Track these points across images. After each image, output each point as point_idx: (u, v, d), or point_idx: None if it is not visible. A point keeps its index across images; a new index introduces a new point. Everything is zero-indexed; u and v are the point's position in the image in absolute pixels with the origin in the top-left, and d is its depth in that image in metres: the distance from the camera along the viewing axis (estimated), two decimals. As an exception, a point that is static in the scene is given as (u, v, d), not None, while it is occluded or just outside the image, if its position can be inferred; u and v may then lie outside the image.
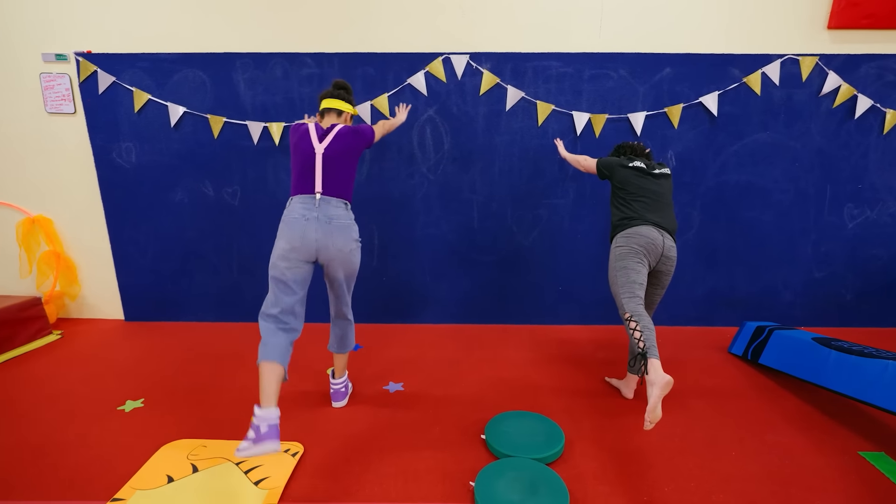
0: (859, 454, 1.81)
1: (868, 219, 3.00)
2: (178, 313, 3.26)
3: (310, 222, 1.83)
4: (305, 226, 1.82)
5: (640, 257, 2.00)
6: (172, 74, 2.87)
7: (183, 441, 1.88)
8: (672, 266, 2.09)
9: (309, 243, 1.82)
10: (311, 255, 1.84)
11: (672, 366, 2.58)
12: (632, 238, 2.02)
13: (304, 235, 1.81)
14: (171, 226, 3.10)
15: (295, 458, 1.78)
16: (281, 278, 1.82)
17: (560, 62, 2.81)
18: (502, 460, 1.70)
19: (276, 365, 1.71)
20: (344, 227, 1.89)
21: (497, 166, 2.97)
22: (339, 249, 1.87)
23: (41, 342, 2.88)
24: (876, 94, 2.80)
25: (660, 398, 1.64)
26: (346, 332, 2.11)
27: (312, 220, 1.83)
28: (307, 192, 1.88)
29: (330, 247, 1.85)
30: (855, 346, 2.17)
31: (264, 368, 1.69)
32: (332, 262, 1.89)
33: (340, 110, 2.05)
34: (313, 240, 1.82)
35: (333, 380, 2.17)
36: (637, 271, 1.98)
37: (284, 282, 1.82)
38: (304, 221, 1.82)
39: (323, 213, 1.85)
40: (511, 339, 2.96)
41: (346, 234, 1.89)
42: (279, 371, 1.71)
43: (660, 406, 1.64)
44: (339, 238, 1.87)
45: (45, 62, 2.91)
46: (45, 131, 3.01)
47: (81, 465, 1.73)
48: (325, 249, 1.85)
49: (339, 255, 1.88)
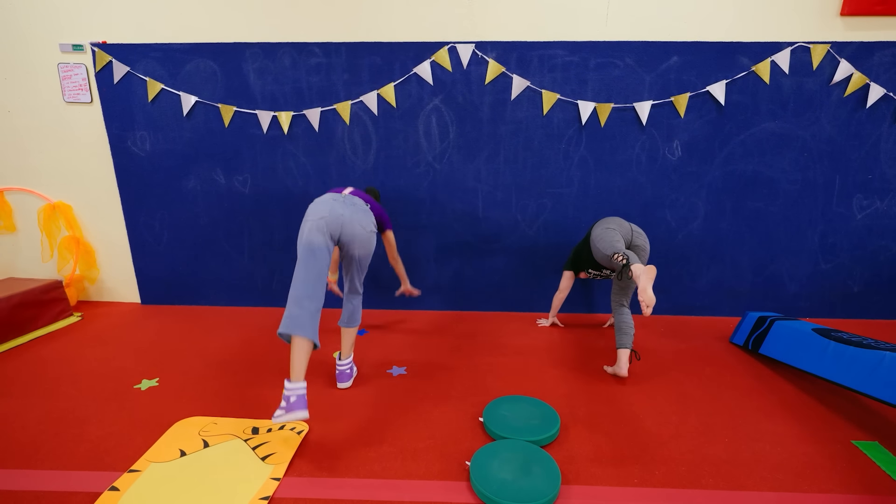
0: (852, 443, 1.84)
1: (878, 210, 2.96)
2: (191, 297, 3.37)
3: (337, 202, 2.02)
4: (333, 204, 2.00)
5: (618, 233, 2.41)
6: (184, 64, 2.94)
7: (195, 418, 1.98)
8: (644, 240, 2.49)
9: (336, 216, 1.96)
10: (336, 228, 1.96)
11: (673, 355, 2.61)
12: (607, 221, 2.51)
13: (332, 210, 1.97)
14: (184, 212, 3.19)
15: (300, 436, 1.86)
16: (308, 245, 1.90)
17: (566, 51, 2.80)
18: (498, 442, 1.76)
19: (304, 340, 1.82)
20: (367, 212, 2.10)
21: (502, 155, 2.99)
22: (362, 227, 2.03)
23: (62, 323, 3.01)
24: (889, 82, 2.75)
25: (648, 283, 2.05)
26: (356, 308, 2.25)
27: (340, 202, 2.03)
28: (337, 190, 2.16)
29: (354, 223, 2.00)
30: (854, 336, 2.18)
31: (294, 343, 1.82)
32: (354, 240, 2.02)
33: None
34: (339, 214, 1.97)
35: (339, 361, 2.25)
36: (618, 236, 2.37)
37: (311, 249, 1.90)
38: (333, 201, 2.02)
39: (349, 200, 2.07)
40: (513, 326, 3.01)
41: (368, 218, 2.08)
42: (307, 345, 1.83)
43: (650, 289, 2.04)
44: (363, 218, 2.05)
45: (63, 52, 2.99)
46: (63, 120, 3.11)
47: (100, 438, 1.84)
48: (350, 224, 1.99)
49: (363, 232, 2.03)
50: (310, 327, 1.84)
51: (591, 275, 2.78)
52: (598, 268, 2.68)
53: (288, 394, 1.75)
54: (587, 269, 2.75)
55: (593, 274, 2.77)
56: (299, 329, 1.82)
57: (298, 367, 1.79)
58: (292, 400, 1.74)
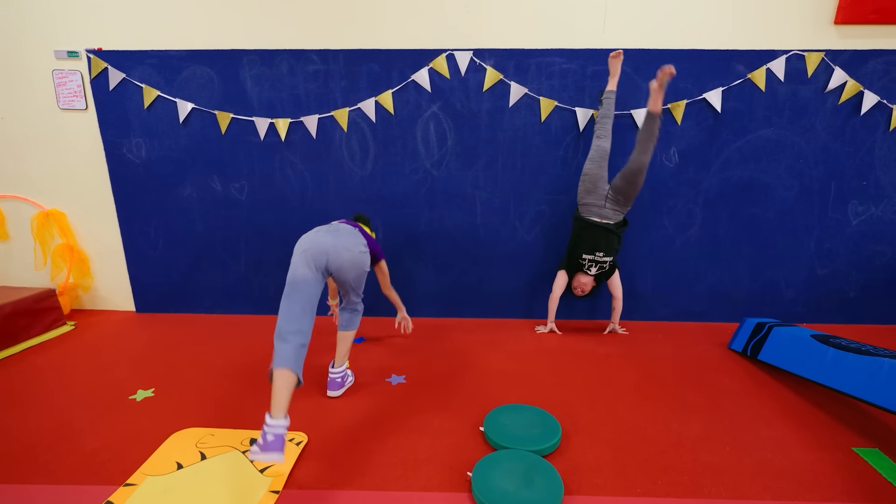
0: (853, 450, 1.84)
1: (873, 215, 2.98)
2: (187, 305, 3.33)
3: (320, 232, 1.99)
4: (315, 234, 1.97)
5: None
6: (181, 71, 2.92)
7: (192, 430, 1.95)
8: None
9: (318, 245, 1.91)
10: (322, 258, 1.90)
11: (672, 361, 2.61)
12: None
13: (314, 240, 1.93)
14: (180, 220, 3.16)
15: (299, 446, 1.84)
16: (291, 279, 1.85)
17: (563, 58, 2.81)
18: (500, 452, 1.75)
19: (287, 372, 1.71)
20: (353, 233, 2.06)
21: (500, 162, 2.99)
22: (347, 249, 1.98)
23: (56, 332, 2.97)
24: (883, 90, 2.78)
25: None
26: (357, 313, 2.29)
27: (323, 232, 1.99)
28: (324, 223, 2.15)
29: (339, 248, 1.95)
30: (853, 343, 2.19)
31: (275, 376, 1.71)
32: (343, 266, 1.99)
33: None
34: (322, 242, 1.93)
35: (332, 369, 2.23)
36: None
37: (294, 282, 1.84)
38: (316, 233, 1.99)
39: (333, 227, 2.05)
40: (511, 333, 3.00)
41: (355, 240, 2.04)
42: (290, 379, 1.71)
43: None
44: (350, 241, 2.01)
45: (58, 59, 2.97)
46: (57, 127, 3.08)
47: (95, 451, 1.81)
48: (335, 251, 1.94)
49: (350, 255, 1.99)
50: (293, 361, 1.73)
51: (586, 263, 2.77)
52: (591, 250, 2.73)
53: (267, 431, 1.59)
54: (581, 256, 2.76)
55: (587, 260, 2.76)
56: (281, 361, 1.72)
57: (280, 403, 1.64)
58: (269, 439, 1.57)
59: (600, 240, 2.73)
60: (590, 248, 2.74)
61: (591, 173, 2.74)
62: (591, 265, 2.76)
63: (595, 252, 2.73)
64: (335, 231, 2.02)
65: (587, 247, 2.74)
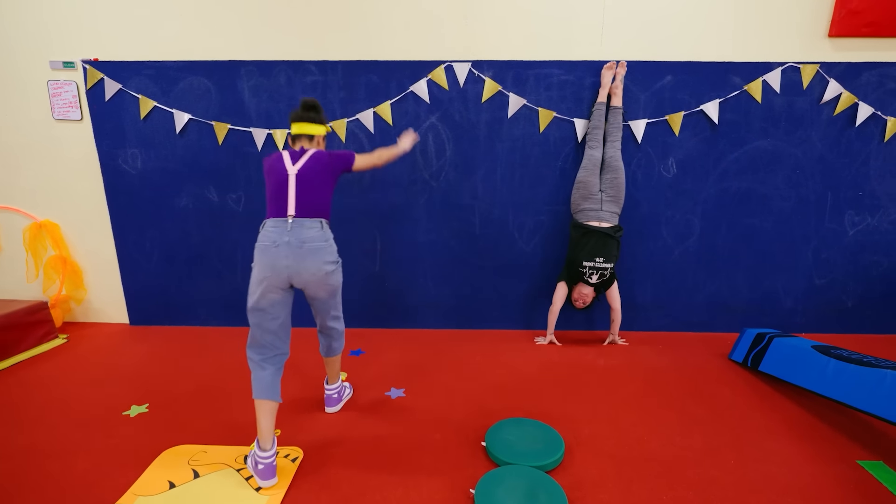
0: (857, 463, 1.82)
1: (869, 226, 3.00)
2: (182, 317, 3.29)
3: (280, 248, 1.74)
4: (276, 253, 1.74)
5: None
6: (178, 82, 2.91)
7: (184, 446, 1.91)
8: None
9: (280, 271, 1.74)
10: (285, 282, 1.77)
11: (672, 372, 2.59)
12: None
13: (275, 264, 1.73)
14: (175, 231, 3.13)
15: (295, 463, 1.80)
16: (257, 306, 1.76)
17: (562, 70, 2.82)
18: (502, 468, 1.72)
19: (267, 402, 1.74)
20: (317, 251, 1.78)
21: (499, 173, 2.98)
22: (311, 274, 1.78)
23: (47, 346, 2.91)
24: (877, 101, 2.81)
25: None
26: (334, 340, 2.09)
27: (283, 246, 1.74)
28: (280, 214, 1.79)
29: (302, 272, 1.77)
30: (854, 354, 2.18)
31: (258, 406, 1.74)
32: (308, 286, 1.82)
33: (311, 135, 1.97)
34: (284, 267, 1.74)
35: (327, 385, 2.19)
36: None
37: (262, 309, 1.76)
38: (275, 248, 1.74)
39: (295, 236, 1.76)
40: (511, 345, 2.98)
41: (318, 258, 1.79)
42: (272, 407, 1.75)
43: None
44: (312, 263, 1.77)
45: (53, 69, 2.95)
46: (52, 137, 3.05)
47: (86, 470, 1.76)
48: (298, 275, 1.77)
49: (314, 279, 1.80)
50: (272, 390, 1.76)
51: (587, 270, 2.76)
52: (591, 256, 2.73)
53: (256, 459, 1.69)
54: (582, 263, 2.75)
55: (588, 268, 2.75)
56: (262, 392, 1.74)
57: (267, 433, 1.70)
58: (260, 468, 1.67)
59: (600, 245, 2.73)
60: (590, 254, 2.73)
61: (585, 180, 2.76)
62: (591, 273, 2.75)
63: (595, 258, 2.72)
64: (297, 248, 1.75)
65: (587, 253, 2.74)
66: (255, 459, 1.69)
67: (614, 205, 2.77)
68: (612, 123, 2.78)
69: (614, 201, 2.77)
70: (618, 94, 2.76)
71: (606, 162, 2.79)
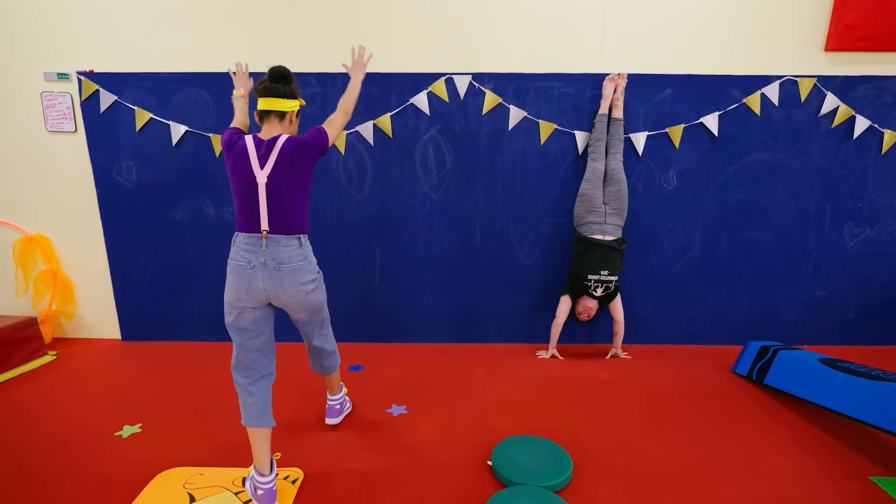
0: (871, 480, 1.79)
1: (868, 237, 3.01)
2: (177, 333, 3.21)
3: (255, 270, 1.60)
4: (251, 275, 1.60)
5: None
6: (175, 93, 2.87)
7: (179, 469, 1.84)
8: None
9: (256, 293, 1.61)
10: (262, 302, 1.65)
11: (677, 386, 2.56)
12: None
13: (250, 286, 1.60)
14: (171, 244, 3.07)
15: (295, 485, 1.74)
16: (236, 325, 1.66)
17: (562, 83, 2.83)
18: (510, 488, 1.67)
19: (260, 430, 1.67)
20: (295, 272, 1.64)
21: (499, 185, 2.97)
22: (291, 296, 1.66)
23: (36, 363, 2.82)
24: (874, 114, 2.83)
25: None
26: (324, 360, 1.99)
27: (259, 268, 1.60)
28: (252, 230, 1.62)
29: (281, 295, 1.64)
30: (862, 367, 2.16)
31: (251, 434, 1.67)
32: (288, 306, 1.70)
33: (283, 111, 1.70)
34: (261, 290, 1.61)
35: (330, 396, 2.14)
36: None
37: (242, 328, 1.66)
38: (250, 270, 1.60)
39: (271, 256, 1.61)
40: (512, 359, 2.93)
41: (297, 279, 1.65)
42: (265, 433, 1.68)
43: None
44: (291, 285, 1.64)
45: (47, 81, 2.90)
46: (44, 149, 3.00)
47: (77, 495, 1.69)
48: (276, 297, 1.65)
49: (294, 300, 1.68)
50: (264, 416, 1.68)
51: (591, 284, 2.74)
52: (596, 269, 2.70)
53: (255, 483, 1.63)
54: (586, 277, 2.73)
55: (593, 281, 2.73)
56: (253, 420, 1.66)
57: (263, 458, 1.64)
58: (260, 493, 1.61)
59: (604, 258, 2.71)
60: (594, 267, 2.71)
61: (589, 193, 2.74)
62: (596, 286, 2.73)
63: (600, 271, 2.70)
64: (273, 271, 1.61)
65: (592, 266, 2.71)
66: (255, 484, 1.63)
67: (618, 217, 2.76)
68: (614, 135, 2.77)
69: (618, 214, 2.75)
70: (619, 105, 2.75)
71: (609, 174, 2.77)
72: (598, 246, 2.72)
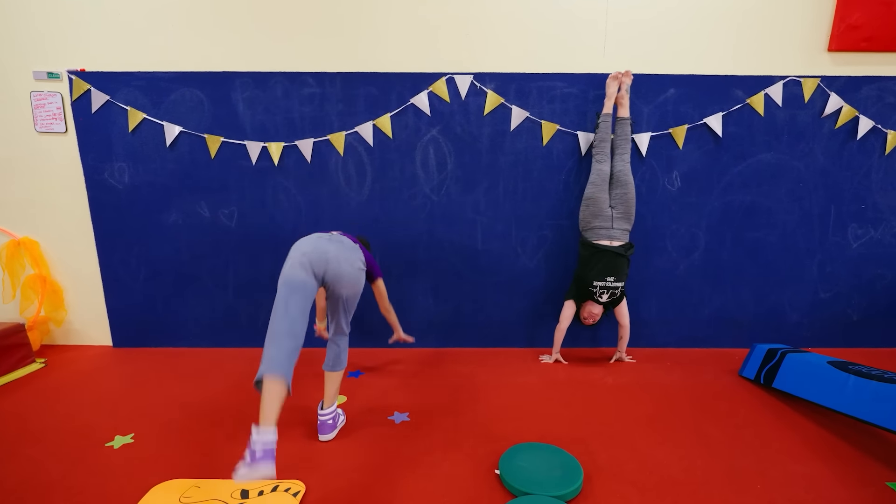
0: (887, 485, 1.75)
1: (872, 238, 2.99)
2: (170, 339, 3.12)
3: (322, 239, 1.92)
4: (318, 241, 1.90)
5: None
6: (169, 93, 2.80)
7: (174, 481, 1.76)
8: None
9: (321, 252, 1.85)
10: (321, 265, 1.83)
11: (684, 390, 2.51)
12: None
13: (317, 246, 1.86)
14: (164, 248, 2.99)
15: (297, 497, 1.66)
16: (289, 280, 1.77)
17: (564, 83, 2.79)
18: (520, 498, 1.61)
19: (279, 380, 1.60)
20: (353, 248, 2.01)
21: (501, 187, 2.92)
22: (349, 263, 1.91)
23: (23, 371, 2.73)
24: (877, 115, 2.82)
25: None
26: (342, 350, 2.10)
27: (325, 239, 1.92)
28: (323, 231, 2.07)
29: (340, 259, 1.88)
30: (874, 370, 2.13)
31: (265, 384, 1.60)
32: (341, 279, 1.90)
33: None
34: (324, 250, 1.86)
35: (321, 410, 2.06)
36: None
37: (291, 284, 1.77)
38: (318, 238, 1.92)
39: (335, 238, 1.98)
40: (515, 364, 2.87)
41: (355, 253, 1.99)
42: (281, 388, 1.61)
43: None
44: (351, 254, 1.95)
45: (37, 80, 2.82)
46: (33, 151, 2.91)
47: (66, 510, 1.60)
48: (336, 261, 1.87)
49: (349, 271, 1.91)
50: (286, 367, 1.63)
51: (597, 290, 2.68)
52: (602, 275, 2.64)
53: (254, 445, 1.48)
54: (592, 283, 2.67)
55: (598, 288, 2.67)
56: (271, 368, 1.61)
57: (270, 411, 1.55)
58: (258, 454, 1.46)
59: (611, 265, 2.65)
60: (600, 273, 2.65)
61: (595, 196, 2.68)
62: (602, 292, 2.67)
63: (606, 278, 2.64)
64: (338, 242, 1.95)
65: (598, 273, 2.66)
66: (252, 446, 1.48)
67: (625, 222, 2.69)
68: (620, 135, 2.72)
69: (625, 218, 2.69)
70: (624, 104, 2.70)
71: (615, 176, 2.71)
72: (604, 252, 2.66)
